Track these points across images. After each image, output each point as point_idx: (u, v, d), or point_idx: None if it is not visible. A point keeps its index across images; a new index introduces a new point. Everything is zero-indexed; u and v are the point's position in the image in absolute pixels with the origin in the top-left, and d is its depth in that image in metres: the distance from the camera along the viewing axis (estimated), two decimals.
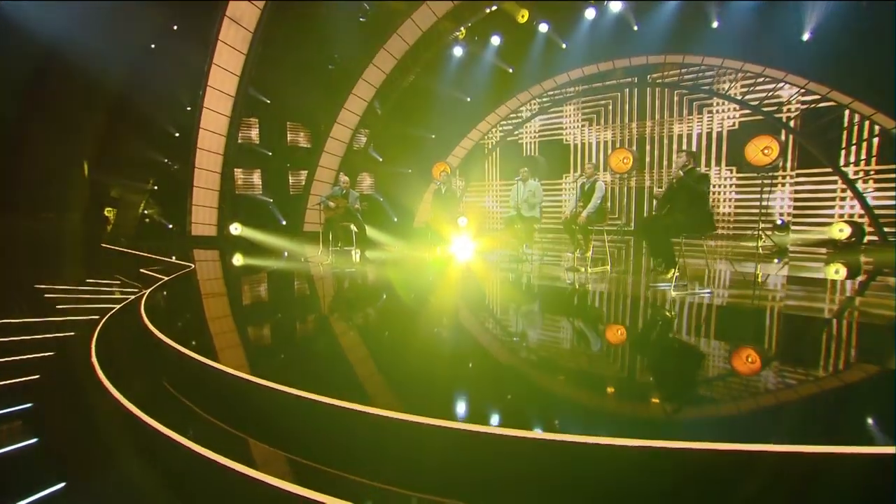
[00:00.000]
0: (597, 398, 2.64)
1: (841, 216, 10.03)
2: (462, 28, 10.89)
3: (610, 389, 2.75)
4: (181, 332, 3.77)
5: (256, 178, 13.80)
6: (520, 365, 3.21)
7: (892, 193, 9.16)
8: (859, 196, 9.42)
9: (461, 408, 2.45)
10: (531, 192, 7.72)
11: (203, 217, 11.79)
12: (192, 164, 11.38)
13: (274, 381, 2.50)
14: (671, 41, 10.44)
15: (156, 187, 13.05)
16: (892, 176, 9.15)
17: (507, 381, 2.89)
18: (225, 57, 10.52)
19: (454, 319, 4.56)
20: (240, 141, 12.71)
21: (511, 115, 13.88)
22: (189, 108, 12.01)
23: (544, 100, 13.55)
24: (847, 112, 9.83)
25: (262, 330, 4.34)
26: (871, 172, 9.68)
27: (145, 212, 13.02)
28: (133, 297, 5.69)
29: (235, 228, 11.46)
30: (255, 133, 13.80)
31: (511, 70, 12.10)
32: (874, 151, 9.72)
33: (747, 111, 11.28)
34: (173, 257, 9.18)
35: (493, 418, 2.29)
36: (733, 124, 11.61)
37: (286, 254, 9.93)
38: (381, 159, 14.22)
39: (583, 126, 13.69)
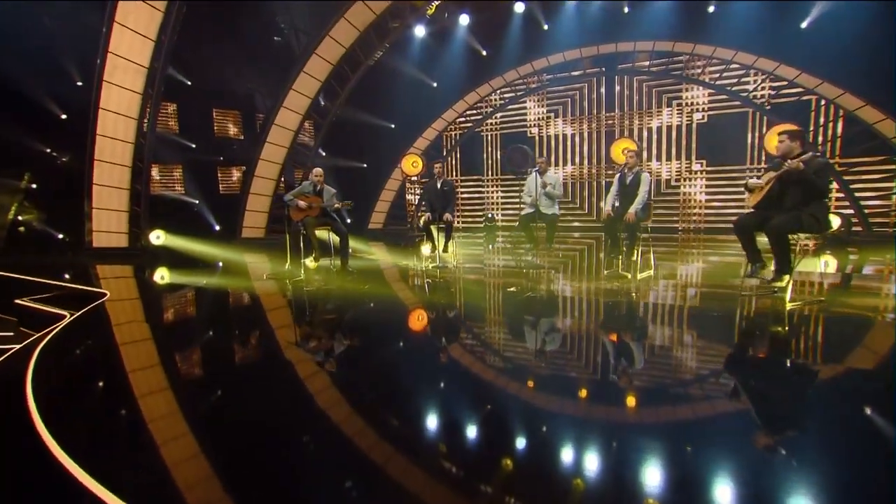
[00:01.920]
0: None
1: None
2: (433, 2, 9.06)
3: None
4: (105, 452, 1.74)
5: (177, 174, 10.91)
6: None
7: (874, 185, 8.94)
8: (845, 187, 9.09)
9: None
10: (552, 185, 6.20)
11: (108, 223, 8.88)
12: (90, 156, 8.45)
13: None
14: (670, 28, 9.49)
15: (33, 185, 9.70)
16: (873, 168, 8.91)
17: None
18: (133, 14, 7.77)
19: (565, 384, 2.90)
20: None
21: (478, 104, 12.27)
22: (81, 83, 8.98)
23: (518, 87, 12.09)
24: (814, 100, 9.53)
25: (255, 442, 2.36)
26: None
27: (19, 218, 9.62)
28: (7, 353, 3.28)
29: (157, 237, 8.70)
30: (172, 122, 10.88)
31: (485, 53, 10.48)
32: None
33: (717, 103, 10.74)
34: (67, 277, 6.45)
35: None
36: (703, 117, 11.02)
37: (220, 265, 7.57)
38: (323, 153, 11.92)
39: (548, 117, 12.50)
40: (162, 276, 6.82)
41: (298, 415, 2.30)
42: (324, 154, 11.77)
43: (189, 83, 10.81)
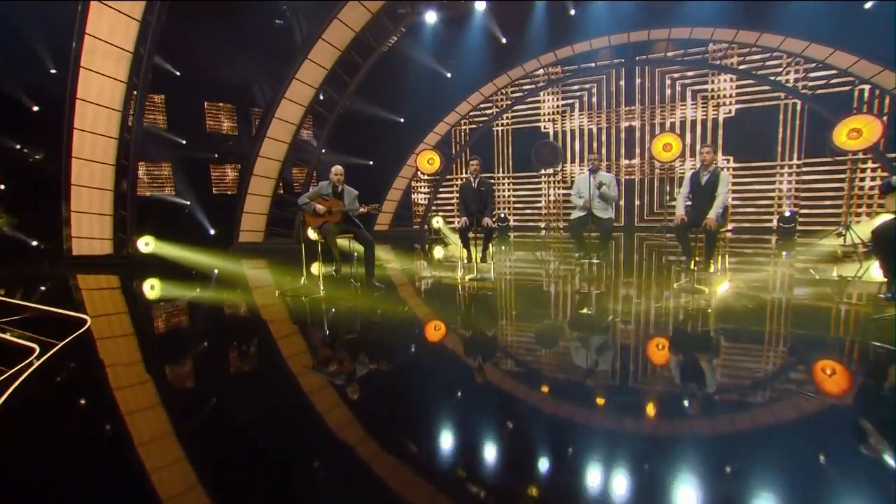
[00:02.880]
0: None
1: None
2: None
3: None
4: None
5: (166, 173, 9.80)
6: None
7: None
8: None
9: None
10: (607, 186, 5.33)
11: (90, 228, 7.79)
12: (67, 153, 7.34)
13: None
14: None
15: (1, 187, 8.53)
16: None
17: None
18: None
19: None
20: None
21: (494, 96, 11.31)
22: (55, 71, 7.83)
23: (538, 77, 11.14)
24: (858, 91, 8.83)
25: None
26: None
27: None
28: None
29: (146, 244, 7.63)
30: (159, 115, 9.76)
31: (505, 40, 9.54)
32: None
33: (747, 95, 9.99)
34: (42, 293, 5.41)
35: None
36: (730, 111, 10.27)
37: (219, 276, 6.59)
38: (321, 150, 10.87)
39: (563, 111, 11.64)
40: (155, 293, 5.78)
41: None
42: (322, 151, 10.75)
43: (178, 73, 9.69)
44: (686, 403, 2.45)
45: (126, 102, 7.46)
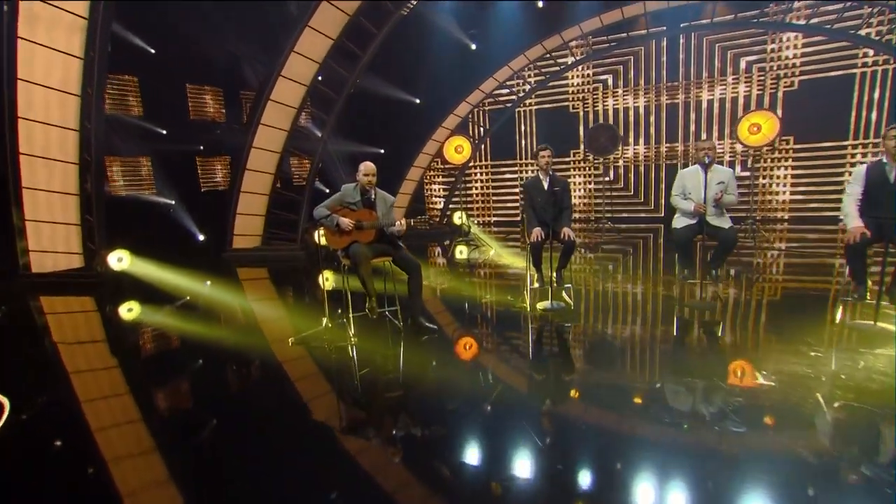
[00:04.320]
0: None
1: None
2: None
3: None
4: None
5: (145, 170, 8.18)
6: None
7: None
8: None
9: None
10: (723, 185, 3.89)
11: (51, 240, 6.28)
12: (13, 149, 5.74)
13: None
14: None
15: None
16: None
17: None
18: None
19: None
20: (108, 111, 7.16)
21: (526, 69, 9.64)
22: None
23: (576, 47, 9.48)
24: None
25: None
26: None
27: None
28: None
29: (119, 259, 6.08)
30: (133, 101, 8.07)
31: (541, 4, 7.89)
32: None
33: (813, 64, 8.51)
34: None
35: None
36: (791, 84, 8.79)
37: (208, 283, 5.18)
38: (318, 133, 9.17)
39: (595, 89, 10.10)
40: (125, 347, 4.30)
41: None
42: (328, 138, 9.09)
43: (153, 51, 7.98)
44: None
45: (86, 83, 5.81)
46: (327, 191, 9.33)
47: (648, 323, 3.95)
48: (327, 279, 6.27)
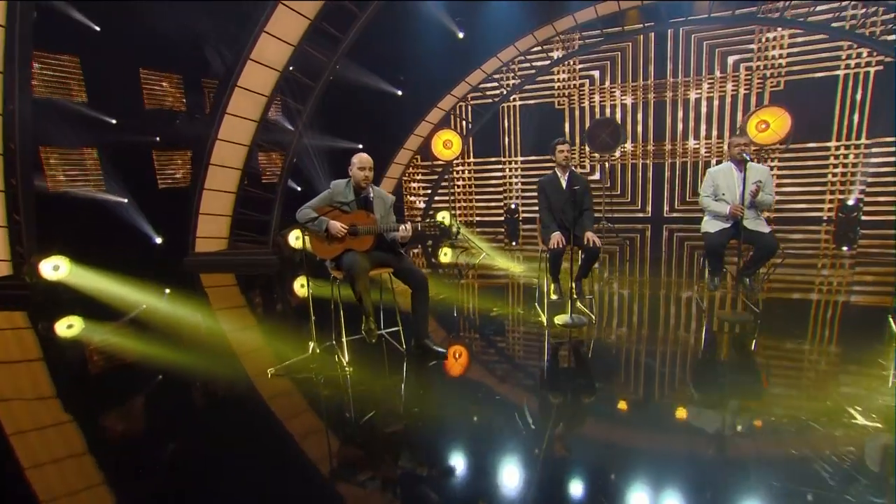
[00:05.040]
0: None
1: None
2: None
3: None
4: None
5: (91, 163, 7.16)
6: None
7: None
8: None
9: None
10: (761, 184, 3.47)
11: None
12: None
13: None
14: None
15: None
16: None
17: None
18: None
19: None
20: (42, 94, 6.19)
21: (514, 61, 9.06)
22: None
23: (568, 41, 8.99)
24: None
25: None
26: None
27: None
28: None
29: (56, 267, 5.15)
30: (75, 84, 7.03)
31: None
32: None
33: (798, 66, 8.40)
34: None
35: None
36: (777, 84, 8.66)
37: (167, 292, 4.40)
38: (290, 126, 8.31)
39: (581, 84, 9.71)
40: (57, 374, 3.48)
41: None
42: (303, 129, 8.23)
43: (97, 28, 6.96)
44: None
45: (8, 60, 4.83)
46: (299, 189, 8.51)
47: (683, 341, 3.48)
48: (303, 286, 5.56)
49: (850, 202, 8.02)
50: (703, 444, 2.13)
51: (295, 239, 6.46)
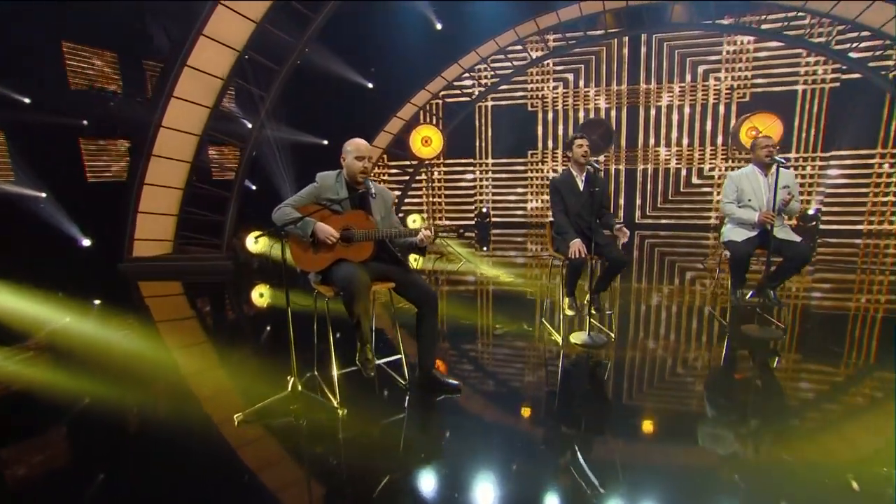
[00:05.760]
0: None
1: None
2: None
3: None
4: None
5: None
6: None
7: None
8: None
9: None
10: (788, 190, 3.21)
11: None
12: None
13: None
14: None
15: None
16: None
17: None
18: None
19: None
20: None
21: (493, 57, 8.60)
22: None
23: (551, 41, 8.63)
24: None
25: None
26: None
27: None
28: None
29: None
30: None
31: None
32: None
33: (768, 79, 8.60)
34: None
35: None
36: (744, 96, 8.82)
37: (96, 302, 3.63)
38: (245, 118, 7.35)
39: (554, 88, 9.49)
40: None
41: None
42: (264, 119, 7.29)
43: None
44: None
45: None
46: (254, 188, 7.62)
47: (714, 361, 3.12)
48: (262, 295, 4.82)
49: (810, 212, 8.24)
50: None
51: (254, 242, 5.65)
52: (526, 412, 2.44)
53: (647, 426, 2.28)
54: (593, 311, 3.18)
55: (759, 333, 3.28)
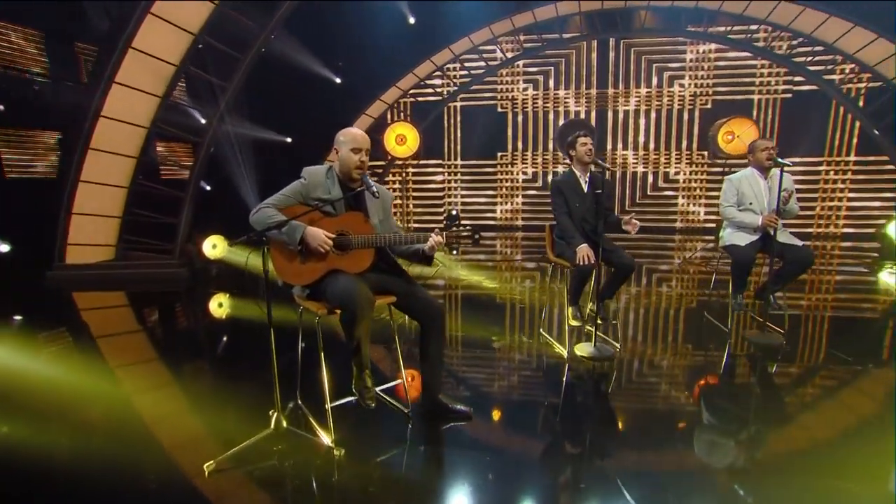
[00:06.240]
0: None
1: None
2: None
3: None
4: None
5: None
6: None
7: None
8: None
9: None
10: (787, 192, 3.18)
11: None
12: None
13: None
14: None
15: None
16: None
17: None
18: None
19: None
20: None
21: (466, 56, 8.32)
22: None
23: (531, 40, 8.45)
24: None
25: None
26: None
27: None
28: None
29: None
30: None
31: None
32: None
33: (727, 87, 8.91)
34: None
35: None
36: (705, 103, 9.11)
37: (16, 318, 3.13)
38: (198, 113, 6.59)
39: (524, 89, 9.42)
40: None
41: None
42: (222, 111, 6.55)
43: None
44: None
45: None
46: (208, 188, 6.92)
47: (728, 371, 2.99)
48: (221, 305, 4.32)
49: None
50: None
51: (212, 247, 5.08)
52: (548, 442, 2.17)
53: (686, 458, 2.07)
54: (599, 321, 2.97)
55: (761, 340, 3.20)
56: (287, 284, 2.07)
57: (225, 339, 3.71)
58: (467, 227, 2.01)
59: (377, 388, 2.12)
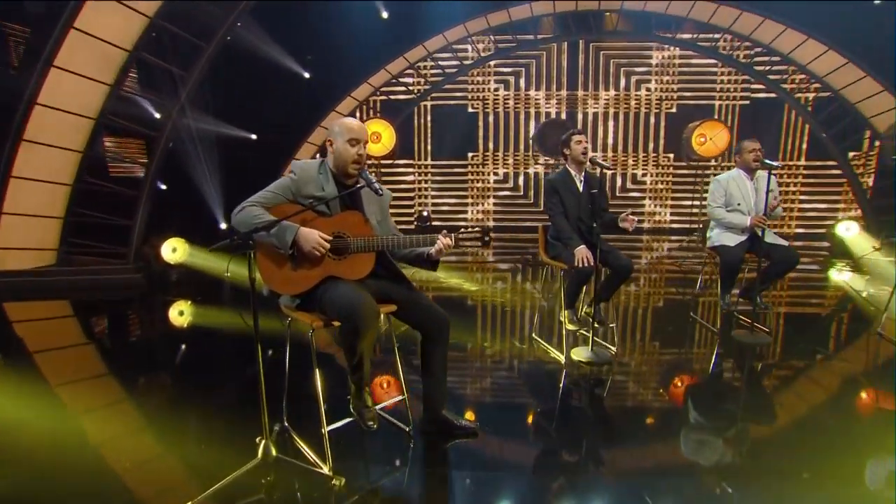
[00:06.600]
0: None
1: None
2: None
3: None
4: None
5: None
6: None
7: None
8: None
9: None
10: (773, 194, 3.23)
11: None
12: None
13: None
14: None
15: None
16: None
17: None
18: None
19: None
20: None
21: (439, 54, 8.15)
22: None
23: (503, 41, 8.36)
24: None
25: None
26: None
27: None
28: None
29: None
30: None
31: None
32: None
33: (690, 93, 9.21)
34: None
35: None
36: (671, 106, 9.38)
37: None
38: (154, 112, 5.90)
39: (496, 89, 9.38)
40: None
41: None
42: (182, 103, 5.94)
43: None
44: None
45: None
46: (164, 187, 6.37)
47: (737, 377, 2.98)
48: (182, 313, 3.98)
49: None
50: None
51: (172, 251, 4.65)
52: (560, 455, 2.04)
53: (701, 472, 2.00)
54: (596, 325, 2.89)
55: (750, 339, 3.23)
56: (274, 293, 1.83)
57: (194, 353, 3.35)
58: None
59: (379, 407, 1.92)
